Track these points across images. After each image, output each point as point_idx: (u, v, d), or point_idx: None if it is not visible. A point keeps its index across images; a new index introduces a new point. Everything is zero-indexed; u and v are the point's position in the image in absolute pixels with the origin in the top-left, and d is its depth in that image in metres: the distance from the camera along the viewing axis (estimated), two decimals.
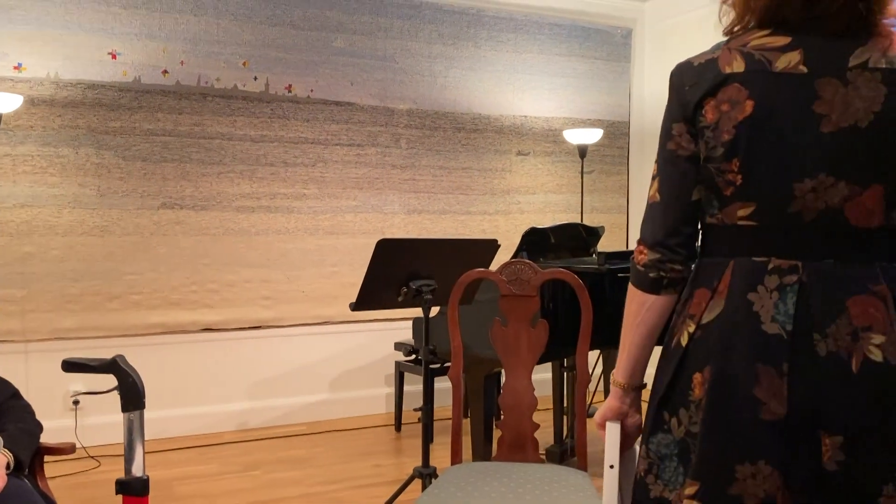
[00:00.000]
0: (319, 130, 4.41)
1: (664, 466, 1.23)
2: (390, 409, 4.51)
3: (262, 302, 4.29)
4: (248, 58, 4.22)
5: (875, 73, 1.10)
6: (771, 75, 1.13)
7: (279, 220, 4.32)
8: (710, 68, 1.19)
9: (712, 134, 1.17)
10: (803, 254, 1.13)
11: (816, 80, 1.12)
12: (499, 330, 2.24)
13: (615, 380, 1.34)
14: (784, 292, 1.13)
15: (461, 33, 4.77)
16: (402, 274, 2.63)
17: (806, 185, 1.13)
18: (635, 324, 1.28)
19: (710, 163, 1.18)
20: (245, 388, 4.29)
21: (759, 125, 1.14)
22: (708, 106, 1.17)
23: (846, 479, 1.09)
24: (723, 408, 1.14)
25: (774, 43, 1.15)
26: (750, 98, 1.14)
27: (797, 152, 1.12)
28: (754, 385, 1.12)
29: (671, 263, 1.25)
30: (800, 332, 1.11)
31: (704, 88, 1.18)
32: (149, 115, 4.01)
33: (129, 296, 3.99)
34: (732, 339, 1.15)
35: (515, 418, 2.21)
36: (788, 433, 1.11)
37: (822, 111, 1.12)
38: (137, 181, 3.99)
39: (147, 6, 3.98)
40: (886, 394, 1.09)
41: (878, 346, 1.09)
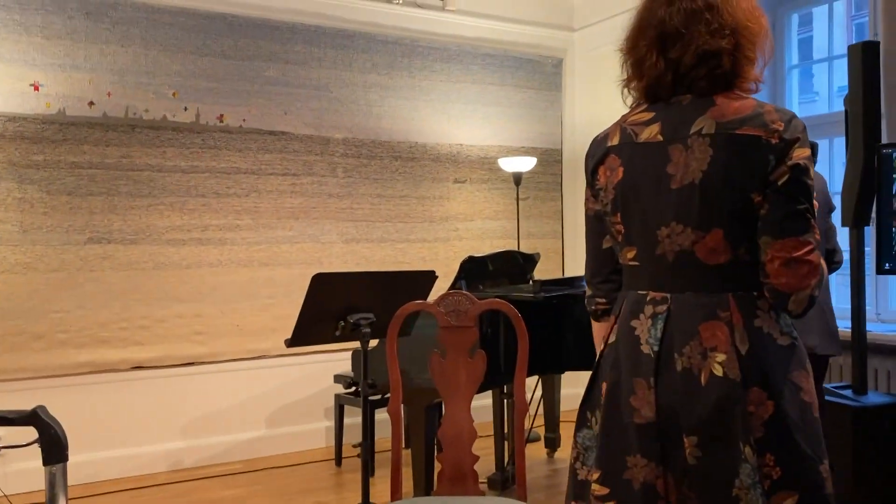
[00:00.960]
0: (253, 160, 4.35)
1: (587, 456, 1.52)
2: (331, 443, 4.44)
3: (194, 337, 4.17)
4: (177, 88, 4.14)
5: (705, 138, 1.35)
6: (636, 146, 1.43)
7: (211, 253, 4.23)
8: (602, 142, 1.50)
9: (603, 194, 1.48)
10: (670, 287, 1.40)
11: (668, 146, 1.39)
12: (437, 362, 2.23)
13: None
14: (656, 319, 1.40)
15: (396, 63, 4.79)
16: (338, 308, 2.60)
17: (664, 232, 1.39)
18: (597, 343, 1.61)
19: (605, 216, 1.50)
20: (178, 426, 4.16)
21: (628, 186, 1.43)
22: (599, 171, 1.49)
23: (704, 472, 1.35)
24: (612, 412, 1.44)
25: (642, 118, 1.45)
26: (621, 165, 1.44)
27: (657, 206, 1.39)
28: (631, 395, 1.41)
29: (597, 297, 1.59)
30: (664, 352, 1.38)
31: (596, 159, 1.50)
32: (74, 147, 3.89)
33: (55, 334, 3.83)
34: (620, 357, 1.45)
35: (455, 451, 2.20)
36: (659, 433, 1.38)
37: (671, 171, 1.38)
38: (63, 216, 3.86)
39: (71, 36, 3.88)
40: (727, 401, 1.33)
41: (720, 364, 1.34)
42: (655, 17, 1.41)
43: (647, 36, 1.42)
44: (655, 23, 1.40)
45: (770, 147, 1.32)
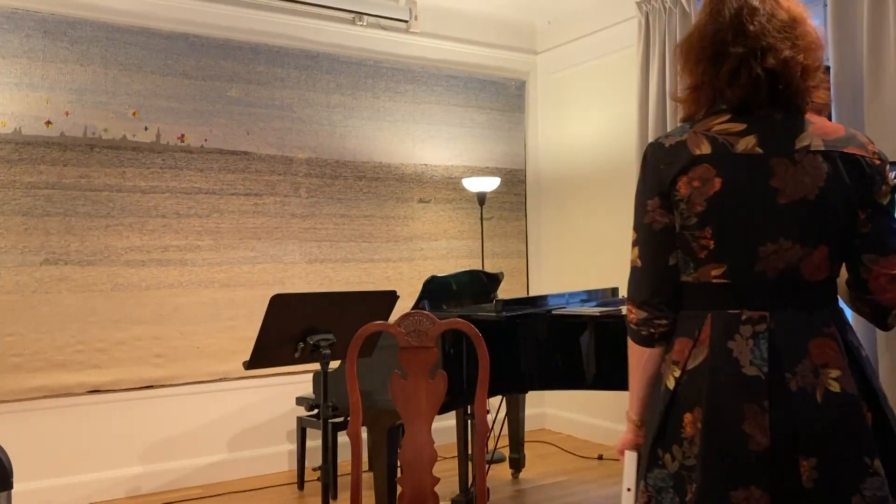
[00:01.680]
0: (214, 180, 4.31)
1: (661, 498, 1.41)
2: (293, 466, 4.37)
3: (153, 360, 4.10)
4: (137, 108, 4.10)
5: (816, 154, 1.34)
6: (735, 156, 1.36)
7: (171, 274, 4.17)
8: (681, 150, 1.40)
9: (685, 206, 1.38)
10: (770, 305, 1.35)
11: (770, 160, 1.35)
12: (398, 383, 2.22)
13: (629, 417, 1.54)
14: (758, 339, 1.33)
15: (359, 84, 4.80)
16: (298, 329, 2.58)
17: (769, 249, 1.34)
18: (639, 373, 1.50)
19: (685, 230, 1.39)
20: (137, 451, 4.07)
21: (727, 199, 1.35)
22: (681, 182, 1.38)
23: (821, 493, 1.29)
24: (717, 443, 1.33)
25: (733, 128, 1.38)
26: (718, 176, 1.35)
27: (761, 221, 1.34)
28: (742, 421, 1.31)
29: (657, 320, 1.45)
30: (774, 373, 1.32)
31: (678, 168, 1.38)
32: (30, 167, 3.82)
33: (8, 358, 3.73)
34: (718, 382, 1.35)
35: (416, 473, 2.18)
36: (773, 460, 1.30)
37: (777, 186, 1.34)
38: (17, 237, 3.78)
39: (28, 55, 3.82)
40: (846, 417, 1.31)
41: (835, 380, 1.32)
42: (744, 27, 1.36)
43: (739, 44, 1.36)
44: (750, 33, 1.36)
45: (873, 167, 1.37)
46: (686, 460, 1.37)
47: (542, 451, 4.75)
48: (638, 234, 1.46)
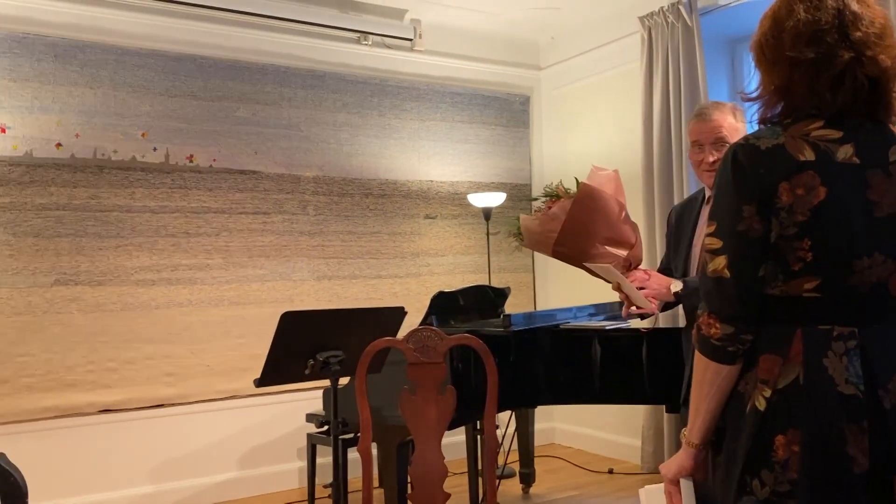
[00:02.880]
0: (223, 199, 4.36)
1: None
2: (304, 483, 4.37)
3: (164, 379, 4.12)
4: (147, 129, 4.15)
5: None
6: (837, 165, 1.30)
7: (181, 293, 4.20)
8: (780, 154, 1.31)
9: (786, 215, 1.30)
10: (858, 321, 1.30)
11: (866, 171, 1.31)
12: (407, 399, 2.23)
13: (689, 441, 1.43)
14: (850, 356, 1.28)
15: (365, 102, 4.85)
16: (308, 346, 2.60)
17: (864, 263, 1.29)
18: (712, 392, 1.38)
19: (782, 240, 1.31)
20: (148, 470, 4.08)
21: (832, 210, 1.28)
22: (783, 188, 1.29)
23: None
24: (821, 466, 1.26)
25: (830, 135, 1.32)
26: (823, 185, 1.28)
27: (859, 234, 1.29)
28: (845, 443, 1.25)
29: (744, 335, 1.35)
30: (869, 391, 1.26)
31: (781, 173, 1.30)
32: (41, 189, 3.87)
33: (21, 378, 3.76)
34: (816, 402, 1.27)
35: (427, 489, 2.19)
36: (871, 482, 1.25)
37: (873, 198, 1.30)
38: (29, 258, 3.82)
39: (39, 79, 3.88)
40: None
41: None
42: (848, 32, 1.31)
43: (846, 48, 1.31)
44: (855, 39, 1.31)
45: None
46: (778, 486, 1.28)
47: (553, 465, 4.74)
48: (726, 242, 1.34)
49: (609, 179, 2.35)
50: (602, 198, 2.27)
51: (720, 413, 1.39)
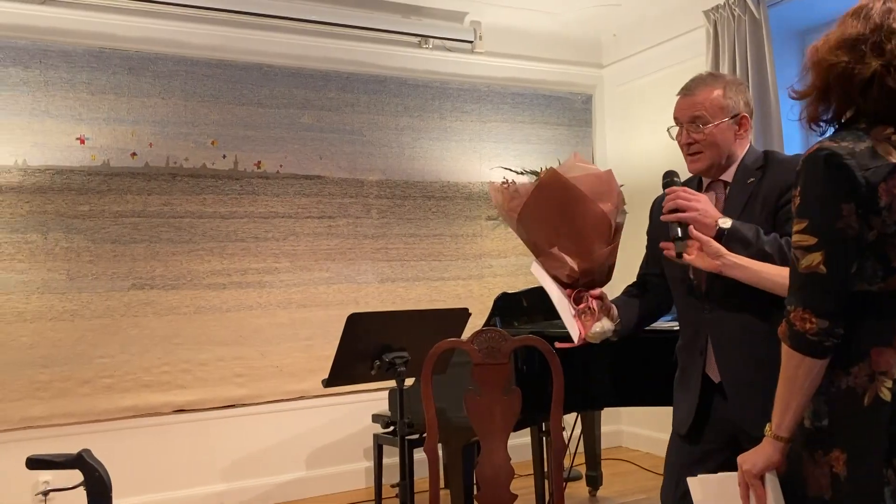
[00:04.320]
0: (290, 204, 4.45)
1: None
2: (370, 483, 4.42)
3: (235, 380, 4.23)
4: (216, 137, 4.27)
5: None
6: None
7: (251, 296, 4.31)
8: (875, 156, 1.38)
9: (887, 213, 1.36)
10: None
11: None
12: (472, 400, 2.24)
13: (778, 435, 1.47)
14: None
15: (427, 105, 4.88)
16: (374, 347, 2.63)
17: None
18: (804, 386, 1.43)
19: (886, 237, 1.37)
20: (220, 469, 4.20)
21: None
22: (881, 189, 1.36)
23: None
24: None
25: None
26: None
27: None
28: None
29: (838, 329, 1.40)
30: None
31: (881, 174, 1.36)
32: (118, 197, 4.03)
33: (100, 380, 3.93)
34: None
35: (493, 490, 2.19)
36: None
37: None
38: (107, 263, 3.98)
39: (115, 91, 4.04)
40: None
41: None
42: (879, 45, 1.40)
43: (875, 57, 1.40)
44: (885, 50, 1.40)
45: None
46: None
47: (620, 468, 4.67)
48: (821, 239, 1.39)
49: (594, 178, 2.00)
50: (569, 190, 1.95)
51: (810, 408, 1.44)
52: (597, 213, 1.95)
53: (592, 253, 1.97)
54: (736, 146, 1.99)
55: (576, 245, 1.98)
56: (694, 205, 1.89)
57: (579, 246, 1.97)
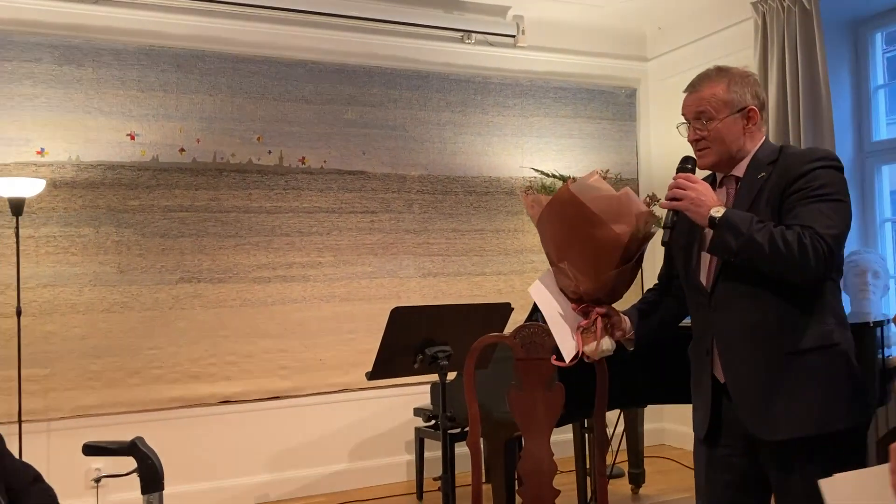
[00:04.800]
0: (333, 199, 4.50)
1: None
2: (412, 476, 4.46)
3: (279, 372, 4.30)
4: (262, 133, 4.34)
5: None
6: None
7: (295, 289, 4.37)
8: None
9: None
10: None
11: None
12: (515, 394, 2.24)
13: None
14: None
15: (469, 100, 4.88)
16: (417, 341, 2.64)
17: None
18: None
19: None
20: (264, 459, 4.27)
21: None
22: None
23: None
24: None
25: None
26: None
27: None
28: None
29: None
30: None
31: None
32: (166, 192, 4.12)
33: (150, 370, 4.02)
34: None
35: (535, 485, 2.19)
36: None
37: None
38: (156, 257, 4.07)
39: (164, 88, 4.13)
40: None
41: None
42: None
43: None
44: None
45: None
46: None
47: (663, 466, 4.62)
48: None
49: (608, 200, 1.91)
50: (580, 209, 1.90)
51: None
52: (609, 236, 1.90)
53: (600, 275, 1.94)
54: (745, 141, 1.93)
55: (582, 264, 1.95)
56: (687, 193, 1.85)
57: (585, 265, 1.94)
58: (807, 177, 1.80)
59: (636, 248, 1.96)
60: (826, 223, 1.74)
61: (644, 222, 1.94)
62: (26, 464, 1.99)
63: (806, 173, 1.81)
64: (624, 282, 1.99)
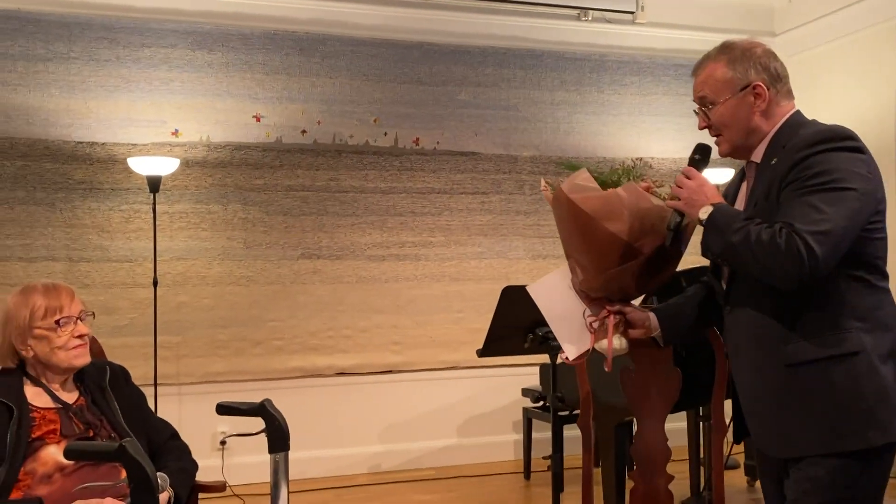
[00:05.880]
0: (445, 180, 4.55)
1: None
2: (518, 455, 4.49)
3: (392, 347, 4.42)
4: (378, 115, 4.44)
5: None
6: None
7: (407, 268, 4.46)
8: None
9: None
10: None
11: None
12: (628, 377, 2.21)
13: None
14: None
15: (584, 79, 4.80)
16: (527, 321, 2.66)
17: None
18: None
19: None
20: (377, 431, 4.41)
21: None
22: None
23: None
24: None
25: None
26: None
27: None
28: None
29: None
30: None
31: None
32: (289, 172, 4.29)
33: (272, 341, 4.23)
34: None
35: (648, 470, 2.16)
36: None
37: None
38: (279, 234, 4.27)
39: (287, 71, 4.29)
40: None
41: None
42: None
43: None
44: None
45: None
46: None
47: None
48: None
49: (598, 200, 1.82)
50: (573, 209, 1.84)
51: None
52: (604, 235, 1.79)
53: (601, 273, 1.84)
54: (758, 121, 1.72)
55: (586, 262, 1.88)
56: (681, 191, 1.73)
57: (589, 263, 1.87)
58: (801, 165, 1.58)
59: (649, 245, 1.80)
60: (811, 218, 1.51)
61: (645, 218, 1.79)
62: (165, 421, 2.15)
63: (801, 161, 1.59)
64: (632, 280, 1.85)
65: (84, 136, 4.01)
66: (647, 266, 1.84)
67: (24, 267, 3.90)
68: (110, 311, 3.95)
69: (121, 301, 4.02)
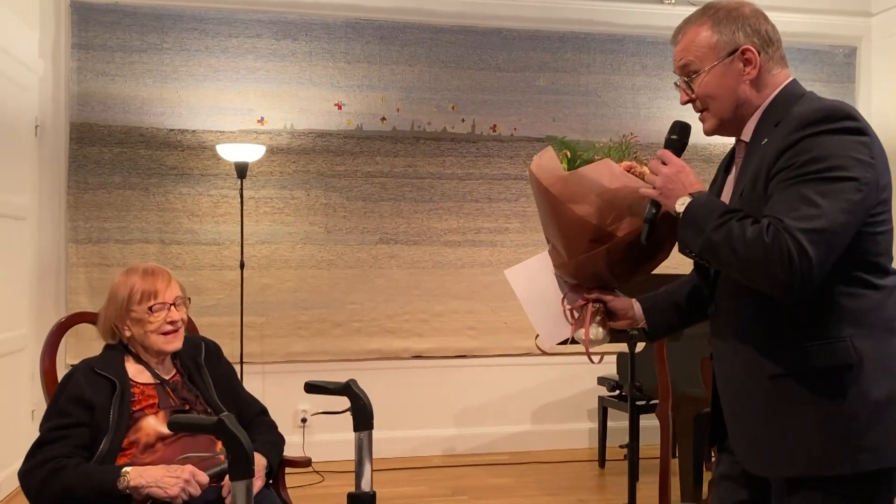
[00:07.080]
0: (522, 167, 4.55)
1: None
2: (593, 444, 4.48)
3: (467, 332, 4.47)
4: (456, 102, 4.47)
5: None
6: None
7: (483, 254, 4.50)
8: None
9: None
10: None
11: None
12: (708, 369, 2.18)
13: None
14: None
15: (666, 63, 4.70)
16: None
17: None
18: None
19: None
20: (451, 414, 4.48)
21: None
22: None
23: None
24: None
25: None
26: None
27: None
28: None
29: None
30: None
31: None
32: (368, 158, 4.38)
33: (351, 323, 4.34)
34: None
35: None
36: None
37: None
38: (358, 219, 4.36)
39: (368, 60, 4.37)
40: None
41: None
42: None
43: None
44: None
45: None
46: None
47: None
48: None
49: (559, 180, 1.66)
50: (540, 187, 1.70)
51: None
52: (571, 217, 1.64)
53: (573, 257, 1.69)
54: (748, 92, 1.51)
55: (559, 244, 1.74)
56: (657, 180, 1.53)
57: (561, 246, 1.73)
58: (794, 149, 1.36)
59: (623, 228, 1.61)
60: (803, 213, 1.30)
61: (616, 200, 1.62)
62: (254, 397, 2.25)
63: (793, 144, 1.36)
64: (605, 266, 1.67)
65: (175, 124, 4.19)
66: (627, 252, 1.63)
67: (120, 249, 4.12)
68: (199, 292, 4.12)
69: (209, 282, 4.20)
